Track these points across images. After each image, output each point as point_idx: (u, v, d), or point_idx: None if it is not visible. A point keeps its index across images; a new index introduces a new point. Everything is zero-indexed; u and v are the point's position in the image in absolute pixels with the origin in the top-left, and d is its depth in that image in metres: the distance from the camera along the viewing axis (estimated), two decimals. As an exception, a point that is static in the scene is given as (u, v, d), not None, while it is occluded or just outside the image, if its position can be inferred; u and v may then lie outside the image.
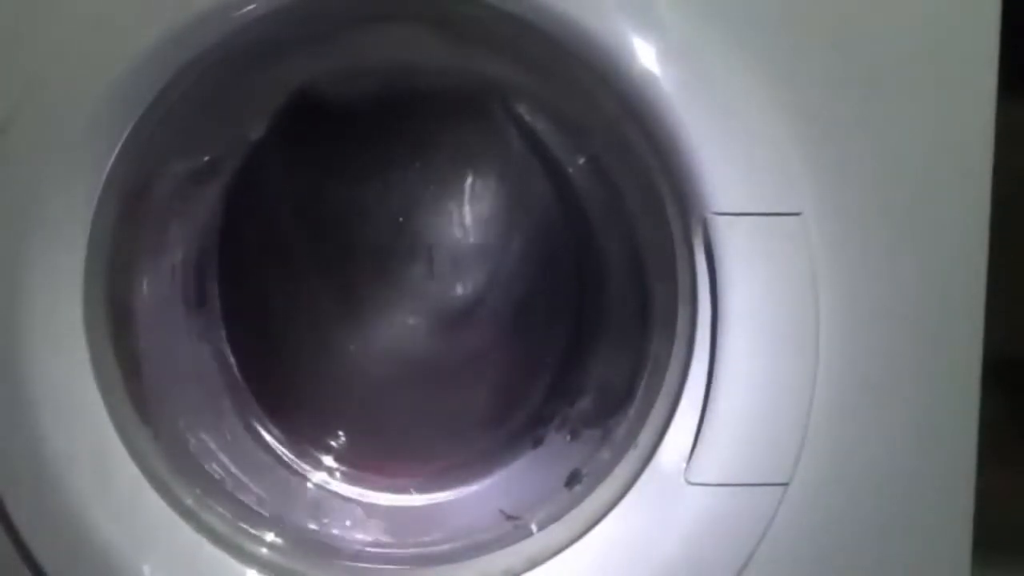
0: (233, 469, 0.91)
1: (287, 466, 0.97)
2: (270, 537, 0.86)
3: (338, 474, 0.98)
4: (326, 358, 1.01)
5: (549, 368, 0.99)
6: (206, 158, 0.89)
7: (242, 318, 0.97)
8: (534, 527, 0.85)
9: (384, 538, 0.91)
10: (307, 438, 0.99)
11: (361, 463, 0.98)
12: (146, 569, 0.79)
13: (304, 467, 0.97)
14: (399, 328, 1.01)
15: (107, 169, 0.76)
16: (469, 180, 0.98)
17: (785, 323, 0.77)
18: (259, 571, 0.82)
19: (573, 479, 0.88)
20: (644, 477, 0.81)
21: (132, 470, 0.80)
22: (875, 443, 0.81)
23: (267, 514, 0.89)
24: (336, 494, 0.96)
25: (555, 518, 0.84)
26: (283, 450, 0.97)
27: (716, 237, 0.76)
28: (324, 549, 0.88)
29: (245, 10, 0.74)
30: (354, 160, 0.96)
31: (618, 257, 0.93)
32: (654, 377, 0.84)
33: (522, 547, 0.84)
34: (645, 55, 0.74)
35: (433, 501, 0.96)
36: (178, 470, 0.84)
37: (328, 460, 0.98)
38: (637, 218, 0.88)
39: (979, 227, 0.80)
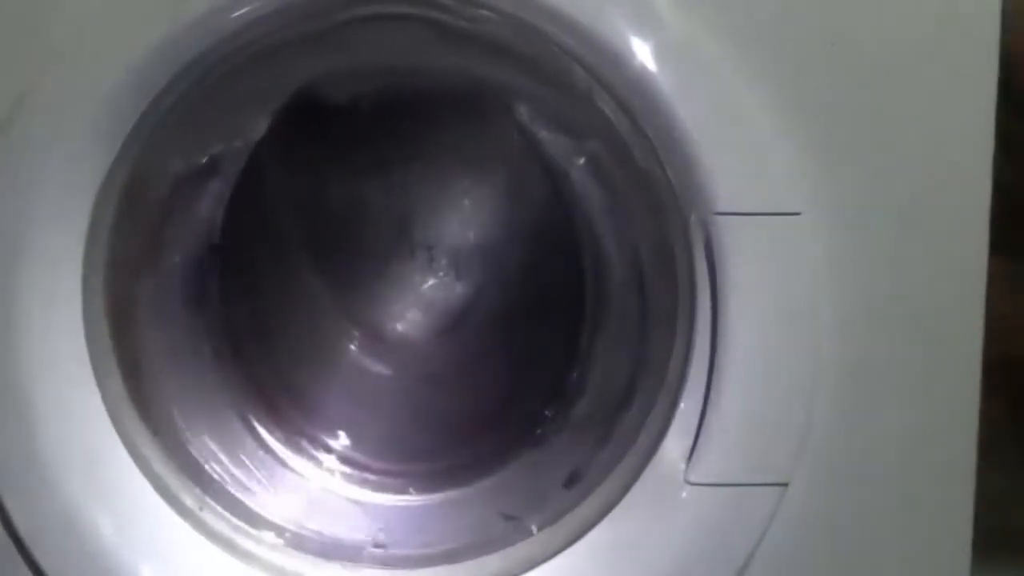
0: (233, 469, 0.91)
1: (287, 466, 0.97)
2: (270, 537, 0.86)
3: (338, 474, 0.98)
4: (326, 357, 1.01)
5: (549, 368, 0.99)
6: (206, 158, 0.89)
7: (242, 317, 0.97)
8: (534, 527, 0.85)
9: (384, 538, 0.91)
10: (307, 438, 0.99)
11: (361, 463, 0.98)
12: (146, 569, 0.79)
13: (304, 467, 0.97)
14: (399, 328, 1.01)
15: (107, 169, 0.76)
16: (469, 180, 0.98)
17: (785, 323, 0.77)
18: (259, 571, 0.82)
19: (573, 479, 0.88)
20: (644, 477, 0.81)
21: (132, 470, 0.80)
22: (875, 443, 0.81)
23: (267, 514, 0.89)
24: (336, 494, 0.96)
25: (555, 518, 0.84)
26: (283, 450, 0.97)
27: (716, 237, 0.76)
28: (324, 549, 0.88)
29: (244, 10, 0.74)
30: (354, 160, 0.96)
31: (618, 257, 0.93)
32: (654, 377, 0.84)
33: (522, 547, 0.84)
34: (643, 54, 0.74)
35: (433, 501, 0.95)
36: (178, 470, 0.84)
37: (328, 460, 0.98)
38: (637, 218, 0.88)
39: (979, 227, 0.80)
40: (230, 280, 0.95)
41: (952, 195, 0.80)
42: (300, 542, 0.88)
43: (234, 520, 0.85)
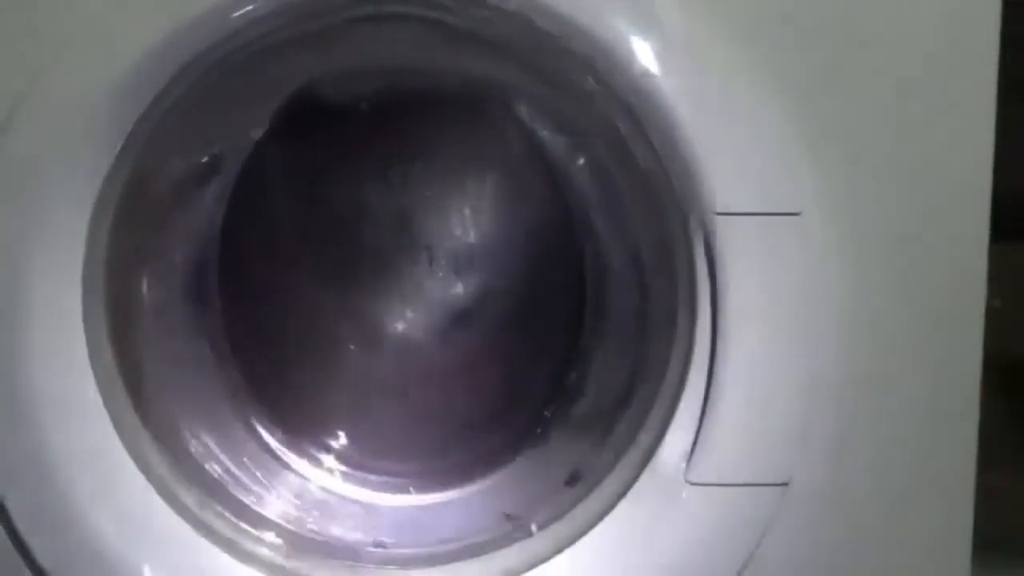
0: (233, 469, 0.91)
1: (287, 466, 0.97)
2: (270, 537, 0.86)
3: (338, 474, 0.98)
4: (326, 358, 1.01)
5: (549, 368, 0.99)
6: (206, 158, 0.90)
7: (242, 317, 0.97)
8: (534, 527, 0.85)
9: (384, 538, 0.91)
10: (307, 438, 0.99)
11: (361, 463, 0.98)
12: (146, 569, 0.79)
13: (304, 467, 0.97)
14: (399, 328, 1.01)
15: (107, 169, 0.76)
16: (469, 180, 0.98)
17: (785, 323, 0.77)
18: (259, 571, 0.82)
19: (573, 479, 0.88)
20: (644, 477, 0.81)
21: (132, 470, 0.80)
22: (875, 443, 0.81)
23: (267, 514, 0.89)
24: (336, 494, 0.97)
25: (555, 518, 0.84)
26: (283, 450, 0.97)
27: (716, 237, 0.76)
28: (324, 549, 0.88)
29: (245, 10, 0.74)
30: (354, 160, 0.96)
31: (618, 257, 0.93)
32: (654, 377, 0.84)
33: (522, 547, 0.84)
34: (644, 54, 0.74)
35: (433, 501, 0.96)
36: (178, 470, 0.84)
37: (328, 460, 0.98)
38: (637, 218, 0.88)
39: (979, 226, 0.80)
40: (230, 280, 0.95)
41: (952, 194, 0.80)
42: (300, 542, 0.88)
43: (234, 520, 0.85)
